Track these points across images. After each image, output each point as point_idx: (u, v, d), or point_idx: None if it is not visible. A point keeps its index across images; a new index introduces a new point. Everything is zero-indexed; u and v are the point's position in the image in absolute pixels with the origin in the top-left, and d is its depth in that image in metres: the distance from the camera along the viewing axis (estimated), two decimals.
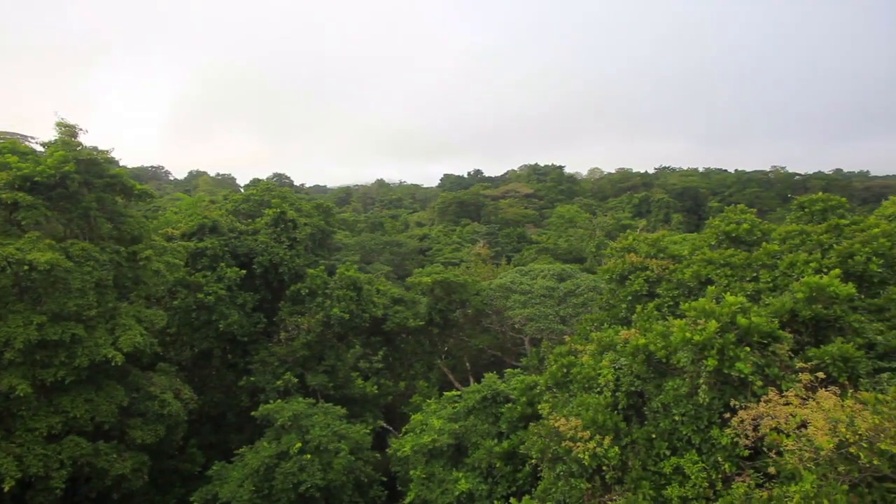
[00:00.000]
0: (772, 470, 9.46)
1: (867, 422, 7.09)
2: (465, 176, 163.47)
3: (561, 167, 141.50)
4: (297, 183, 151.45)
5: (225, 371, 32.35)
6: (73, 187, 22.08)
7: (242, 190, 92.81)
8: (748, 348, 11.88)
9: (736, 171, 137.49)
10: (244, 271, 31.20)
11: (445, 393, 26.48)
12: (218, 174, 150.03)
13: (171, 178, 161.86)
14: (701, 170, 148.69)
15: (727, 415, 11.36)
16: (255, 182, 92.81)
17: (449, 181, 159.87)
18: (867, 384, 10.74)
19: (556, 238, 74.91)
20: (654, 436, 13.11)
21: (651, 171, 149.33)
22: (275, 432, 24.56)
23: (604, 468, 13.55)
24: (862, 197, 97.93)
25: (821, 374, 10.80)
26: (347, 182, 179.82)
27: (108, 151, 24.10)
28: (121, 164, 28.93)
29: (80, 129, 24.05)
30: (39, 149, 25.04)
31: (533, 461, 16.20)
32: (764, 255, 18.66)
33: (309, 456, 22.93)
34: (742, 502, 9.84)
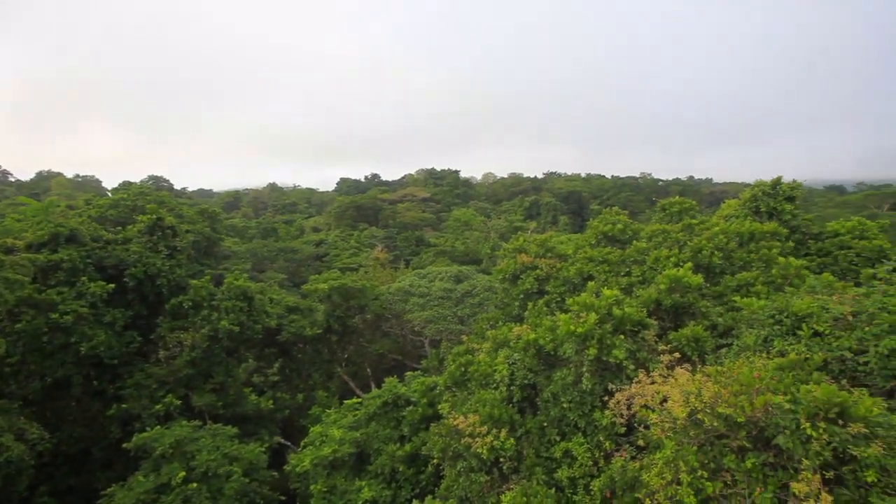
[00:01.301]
0: (641, 442, 10.66)
1: (710, 391, 8.34)
2: (363, 180, 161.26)
3: (456, 171, 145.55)
4: (177, 186, 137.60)
5: (88, 401, 28.37)
6: None
7: (110, 194, 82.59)
8: (623, 336, 13.20)
9: (612, 176, 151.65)
10: (112, 285, 27.71)
11: (346, 401, 25.87)
12: (77, 176, 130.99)
13: (13, 180, 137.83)
14: (583, 175, 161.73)
15: (606, 398, 12.53)
16: (127, 185, 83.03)
17: (346, 185, 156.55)
18: (711, 359, 12.59)
19: (453, 241, 76.85)
20: (545, 424, 14.00)
21: (540, 175, 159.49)
22: (153, 463, 22.05)
23: (501, 460, 14.15)
24: (707, 201, 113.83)
25: (677, 354, 12.44)
26: (236, 186, 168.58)
27: None
28: None
29: None
30: None
31: (435, 461, 16.42)
32: (635, 252, 20.94)
33: (195, 485, 20.93)
34: (619, 475, 10.94)
